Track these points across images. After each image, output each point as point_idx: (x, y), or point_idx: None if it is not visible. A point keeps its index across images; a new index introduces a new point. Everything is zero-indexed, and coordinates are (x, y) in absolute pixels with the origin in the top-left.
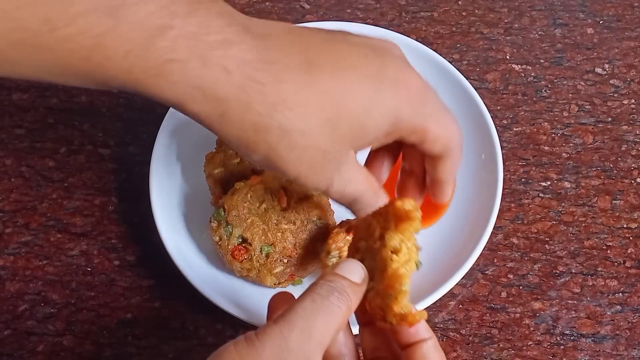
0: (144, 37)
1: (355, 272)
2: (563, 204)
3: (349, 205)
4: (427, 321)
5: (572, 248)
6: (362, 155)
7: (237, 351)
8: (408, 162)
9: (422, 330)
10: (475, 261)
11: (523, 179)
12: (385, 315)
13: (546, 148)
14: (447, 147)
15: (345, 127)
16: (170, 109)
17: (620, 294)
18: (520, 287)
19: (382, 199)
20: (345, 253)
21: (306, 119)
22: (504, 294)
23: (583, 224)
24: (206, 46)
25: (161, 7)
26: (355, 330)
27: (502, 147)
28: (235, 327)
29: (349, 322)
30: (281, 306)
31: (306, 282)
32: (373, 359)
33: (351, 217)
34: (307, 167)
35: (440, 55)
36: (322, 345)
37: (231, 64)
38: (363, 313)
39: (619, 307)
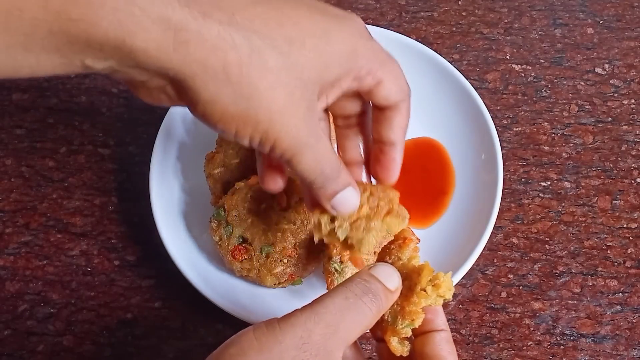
0: None
1: (392, 279)
2: (563, 204)
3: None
4: None
5: (572, 248)
6: None
7: (257, 337)
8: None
9: (439, 321)
10: (475, 261)
11: (523, 179)
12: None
13: (546, 148)
14: (402, 94)
15: (306, 52)
16: (170, 109)
17: (620, 294)
18: (520, 287)
19: (343, 179)
20: (346, 258)
21: (272, 41)
22: (504, 294)
23: (583, 224)
24: None
25: None
26: None
27: (502, 147)
28: (235, 327)
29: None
30: None
31: (306, 282)
32: None
33: None
34: (281, 105)
35: (440, 55)
36: (346, 342)
37: None
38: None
39: (619, 307)
